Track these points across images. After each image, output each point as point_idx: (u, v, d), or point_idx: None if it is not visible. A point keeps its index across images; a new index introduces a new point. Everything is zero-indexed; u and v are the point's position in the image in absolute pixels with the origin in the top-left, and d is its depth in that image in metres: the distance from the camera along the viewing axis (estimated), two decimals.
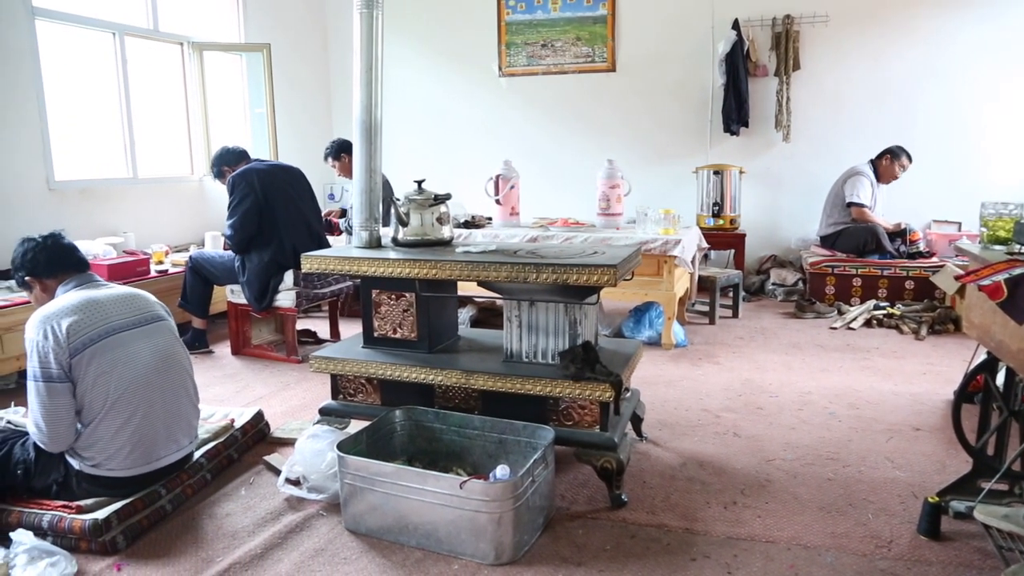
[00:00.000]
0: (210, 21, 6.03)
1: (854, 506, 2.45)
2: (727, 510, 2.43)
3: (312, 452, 2.55)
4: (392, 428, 2.60)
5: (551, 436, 2.37)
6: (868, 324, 4.92)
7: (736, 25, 5.96)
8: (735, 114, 5.99)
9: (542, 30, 6.57)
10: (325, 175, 6.54)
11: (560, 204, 6.07)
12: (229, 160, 4.31)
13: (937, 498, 2.23)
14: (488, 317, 5.05)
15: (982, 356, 2.39)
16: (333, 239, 5.06)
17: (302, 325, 4.77)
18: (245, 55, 6.16)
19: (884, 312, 4.98)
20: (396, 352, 2.77)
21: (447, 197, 2.95)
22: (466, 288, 3.80)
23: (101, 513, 2.25)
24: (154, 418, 2.39)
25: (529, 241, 4.27)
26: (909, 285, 5.23)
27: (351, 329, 4.66)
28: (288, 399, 3.61)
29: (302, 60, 6.89)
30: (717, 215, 5.86)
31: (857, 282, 5.34)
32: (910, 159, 5.48)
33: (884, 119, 5.79)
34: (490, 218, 4.94)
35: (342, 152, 5.15)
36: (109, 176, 5.14)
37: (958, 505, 2.22)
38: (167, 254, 4.87)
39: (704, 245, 4.99)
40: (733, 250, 5.91)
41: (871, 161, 5.54)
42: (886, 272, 5.27)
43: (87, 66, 5.06)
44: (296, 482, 2.54)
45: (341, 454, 2.28)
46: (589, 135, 6.59)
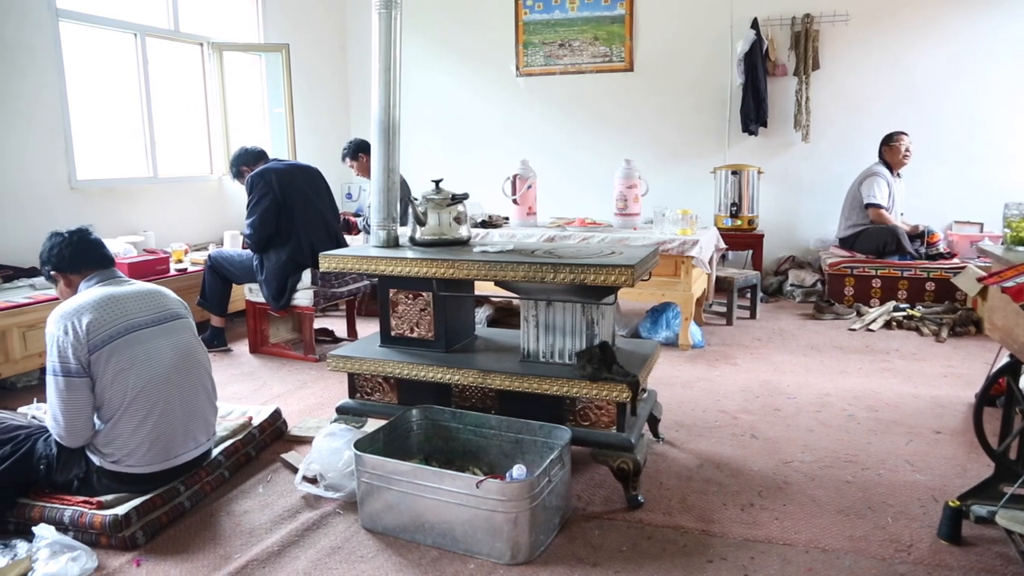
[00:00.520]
0: (230, 22, 6.08)
1: (873, 509, 2.42)
2: (744, 512, 2.42)
3: (329, 450, 2.56)
4: (409, 427, 2.61)
5: (568, 436, 2.37)
6: (888, 326, 4.88)
7: (755, 24, 5.93)
8: (754, 114, 5.95)
9: (559, 30, 6.56)
10: (343, 175, 6.57)
11: (577, 204, 6.06)
12: (248, 160, 4.34)
13: (958, 502, 2.21)
14: (505, 317, 5.05)
15: (1005, 359, 2.36)
16: (350, 238, 5.09)
17: (319, 324, 4.80)
18: (264, 55, 6.20)
19: (904, 314, 4.93)
20: (413, 351, 2.78)
21: (464, 197, 2.95)
22: (483, 288, 3.81)
23: (121, 509, 2.27)
24: (172, 415, 2.41)
25: (546, 241, 4.27)
26: (930, 287, 5.17)
27: (368, 328, 4.68)
28: (305, 397, 3.63)
29: (321, 60, 6.93)
30: (735, 215, 5.83)
31: (876, 283, 5.29)
32: (903, 133, 5.45)
33: (905, 119, 5.71)
34: (507, 218, 4.94)
35: (360, 152, 5.18)
36: (130, 175, 5.20)
37: (979, 510, 2.19)
38: (186, 253, 4.91)
39: (722, 246, 4.96)
40: (751, 251, 5.87)
41: (880, 158, 5.50)
42: (906, 273, 5.21)
43: (109, 66, 5.12)
44: (313, 480, 2.56)
45: (358, 452, 2.29)
46: (606, 135, 6.57)
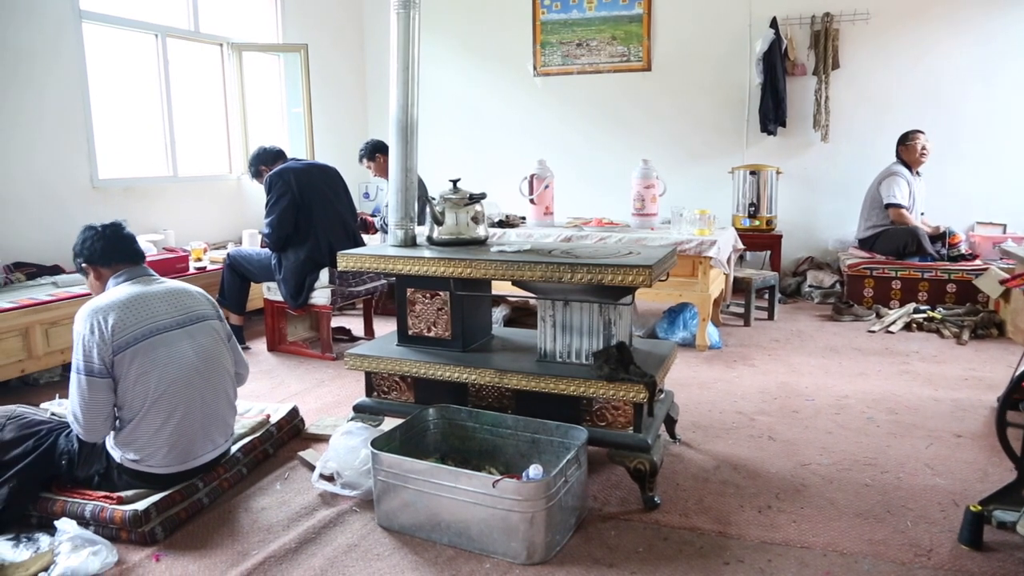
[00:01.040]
0: (249, 22, 6.13)
1: (892, 513, 2.40)
2: (761, 514, 2.41)
3: (346, 448, 2.57)
4: (425, 426, 2.61)
5: (584, 436, 2.36)
6: (908, 328, 4.82)
7: (774, 24, 5.89)
8: (772, 114, 5.91)
9: (577, 29, 6.55)
10: (360, 174, 6.60)
11: (594, 204, 6.05)
12: (266, 159, 4.37)
13: (979, 507, 2.18)
14: (521, 316, 5.05)
15: None
16: (368, 238, 5.11)
17: (336, 323, 4.82)
18: (283, 55, 6.24)
19: (924, 316, 4.87)
20: (430, 350, 2.79)
21: (482, 196, 2.95)
22: (500, 287, 3.81)
23: (141, 504, 2.30)
24: (192, 418, 2.42)
25: (563, 241, 4.27)
26: (951, 288, 5.11)
27: (385, 327, 4.70)
28: (322, 396, 3.65)
29: (339, 60, 6.96)
30: (753, 216, 5.80)
31: (896, 285, 5.24)
32: (919, 131, 5.39)
33: (926, 118, 5.65)
34: (524, 217, 4.94)
35: (376, 152, 5.20)
36: (150, 174, 5.26)
37: (1002, 515, 2.16)
38: (205, 251, 4.95)
39: (740, 246, 4.94)
40: (769, 251, 5.83)
41: (898, 158, 5.45)
42: (927, 275, 5.16)
43: (130, 67, 5.17)
44: (330, 478, 2.57)
45: (375, 451, 2.30)
46: (624, 135, 6.55)
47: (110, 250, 2.46)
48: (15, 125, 4.27)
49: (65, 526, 2.18)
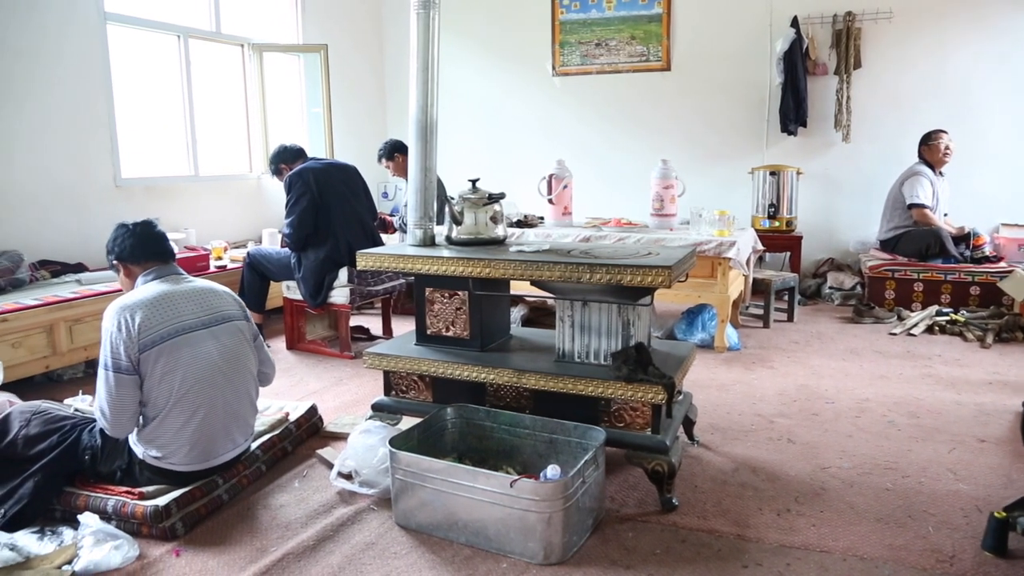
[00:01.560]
0: (269, 23, 6.17)
1: (914, 518, 2.37)
2: (780, 517, 2.39)
3: (364, 447, 2.58)
4: (443, 425, 2.62)
5: (602, 437, 2.36)
6: (930, 330, 4.76)
7: (795, 23, 5.84)
8: (793, 114, 5.86)
9: (596, 29, 6.54)
10: (379, 174, 6.62)
11: (613, 204, 6.04)
12: (286, 158, 4.41)
13: (1004, 513, 2.15)
14: (539, 316, 5.05)
15: None
16: (386, 237, 5.13)
17: (355, 322, 4.84)
18: (303, 56, 6.28)
19: (947, 318, 4.81)
20: (448, 350, 2.79)
21: (501, 196, 2.96)
22: (518, 287, 3.81)
23: (162, 500, 2.32)
24: (215, 418, 2.44)
25: (582, 241, 4.26)
26: (974, 291, 5.04)
27: (403, 326, 4.71)
28: (341, 394, 3.67)
29: (358, 61, 7.00)
30: (773, 217, 5.75)
31: (919, 287, 5.17)
32: (942, 131, 5.34)
33: (950, 118, 5.58)
34: (542, 217, 4.94)
35: (395, 152, 5.22)
36: (172, 174, 5.31)
37: None
38: (226, 250, 4.99)
39: (759, 247, 4.90)
40: (789, 252, 5.78)
41: (920, 158, 5.39)
42: (950, 277, 5.09)
43: (153, 67, 5.23)
44: (348, 476, 2.58)
45: (393, 450, 2.31)
46: (643, 135, 6.53)
47: (140, 248, 2.49)
48: (41, 126, 4.33)
49: (88, 520, 2.21)
